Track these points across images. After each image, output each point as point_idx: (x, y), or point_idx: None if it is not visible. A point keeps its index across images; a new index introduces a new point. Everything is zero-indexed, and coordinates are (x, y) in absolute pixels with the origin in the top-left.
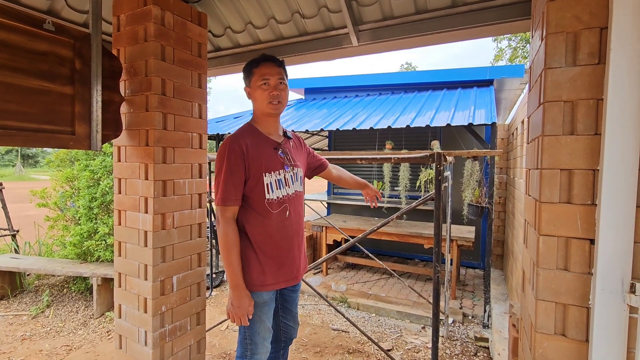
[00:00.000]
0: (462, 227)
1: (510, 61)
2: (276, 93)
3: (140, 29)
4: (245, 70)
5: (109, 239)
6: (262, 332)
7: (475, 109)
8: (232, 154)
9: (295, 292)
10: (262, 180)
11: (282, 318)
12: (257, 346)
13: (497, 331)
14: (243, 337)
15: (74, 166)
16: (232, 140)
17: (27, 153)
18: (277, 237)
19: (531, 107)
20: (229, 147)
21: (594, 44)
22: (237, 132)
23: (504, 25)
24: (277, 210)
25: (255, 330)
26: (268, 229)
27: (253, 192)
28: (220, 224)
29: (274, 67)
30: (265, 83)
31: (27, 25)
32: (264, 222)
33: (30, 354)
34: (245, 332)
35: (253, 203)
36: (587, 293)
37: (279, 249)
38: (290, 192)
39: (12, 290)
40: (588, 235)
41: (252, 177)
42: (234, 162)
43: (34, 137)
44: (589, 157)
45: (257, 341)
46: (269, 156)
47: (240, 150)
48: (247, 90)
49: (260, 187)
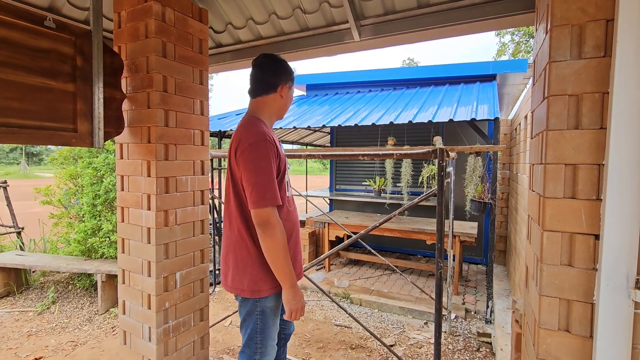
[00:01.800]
0: (464, 223)
1: (513, 56)
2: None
3: (141, 26)
4: (286, 69)
5: (112, 236)
6: (274, 334)
7: (478, 104)
8: (272, 150)
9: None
10: (284, 177)
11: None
12: (267, 348)
13: (500, 327)
14: (254, 342)
15: (77, 164)
16: (266, 134)
17: (32, 151)
18: (294, 234)
19: (535, 102)
20: (267, 142)
21: (599, 36)
22: (261, 127)
23: (507, 19)
24: (292, 207)
25: (269, 335)
26: (290, 226)
27: (280, 189)
28: (275, 226)
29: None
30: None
31: (28, 23)
32: (286, 220)
33: (37, 349)
34: (257, 337)
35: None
36: (591, 289)
37: (296, 244)
38: (291, 193)
39: (17, 287)
40: (593, 231)
41: (281, 174)
42: (273, 158)
43: (36, 134)
44: (594, 151)
45: (267, 344)
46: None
47: (274, 145)
48: (284, 87)
49: (284, 185)
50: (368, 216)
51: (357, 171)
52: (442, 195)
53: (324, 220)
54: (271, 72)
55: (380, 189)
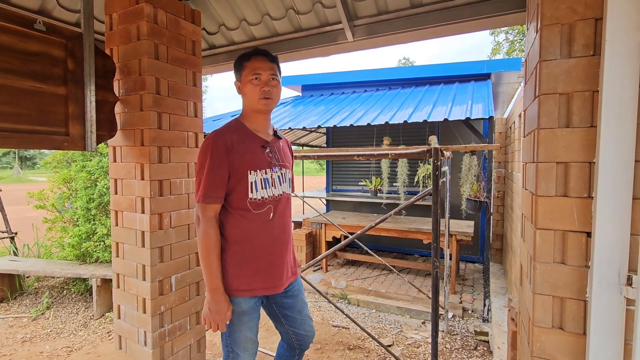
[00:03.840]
0: (461, 222)
1: (507, 55)
2: (267, 89)
3: (132, 28)
4: (236, 64)
5: (107, 240)
6: (243, 343)
7: (473, 103)
8: (216, 150)
9: (290, 298)
10: (246, 178)
11: (287, 326)
12: (239, 356)
13: (497, 325)
14: (225, 344)
15: (70, 167)
16: (216, 135)
17: (25, 155)
18: (256, 240)
19: (527, 100)
20: (212, 142)
21: (589, 35)
22: (223, 127)
23: (499, 18)
24: (259, 211)
25: (235, 340)
26: (247, 230)
27: (235, 190)
28: (200, 223)
29: (266, 62)
30: (257, 78)
31: (18, 26)
32: (243, 223)
33: (31, 356)
34: (226, 340)
35: (233, 202)
36: (584, 286)
37: (258, 252)
38: (277, 194)
39: (11, 293)
40: (584, 228)
41: (235, 174)
42: (217, 157)
43: (28, 138)
44: (585, 149)
45: (238, 351)
46: (255, 153)
47: (224, 145)
48: (238, 84)
49: (244, 186)
50: (365, 216)
51: (354, 171)
52: (438, 194)
53: (320, 221)
54: (234, 71)
55: (377, 189)
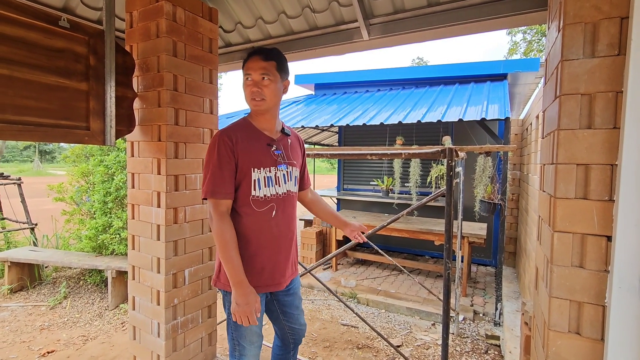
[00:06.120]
0: (473, 224)
1: (525, 55)
2: (255, 90)
3: (152, 25)
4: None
5: (123, 233)
6: (249, 336)
7: (489, 103)
8: (222, 146)
9: (290, 296)
10: (250, 175)
11: (284, 321)
12: (245, 349)
13: (509, 329)
14: (230, 337)
15: (89, 161)
16: (222, 132)
17: (45, 149)
18: (258, 238)
19: (547, 101)
20: (219, 140)
21: (614, 34)
22: (230, 125)
23: (519, 17)
24: (261, 209)
25: (242, 333)
26: (249, 228)
27: (240, 187)
28: (214, 219)
29: (258, 61)
30: (248, 79)
31: (44, 23)
32: (245, 220)
33: (49, 343)
34: (232, 334)
35: (237, 199)
36: (602, 291)
37: (260, 250)
38: (280, 192)
39: (31, 282)
40: (604, 232)
41: (239, 171)
42: (225, 154)
43: (51, 132)
44: (607, 151)
45: (244, 344)
46: (260, 151)
47: (230, 142)
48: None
49: (247, 183)
50: (376, 216)
51: (365, 171)
52: (451, 195)
53: None
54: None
55: (388, 189)
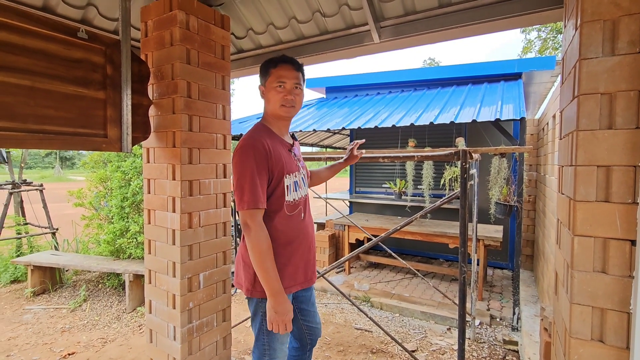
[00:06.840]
0: (489, 227)
1: (539, 53)
2: (291, 97)
3: (166, 34)
4: (263, 69)
5: (139, 237)
6: (282, 337)
7: (503, 103)
8: (258, 154)
9: (309, 291)
10: (283, 181)
11: (302, 320)
12: (276, 351)
13: (528, 334)
14: (261, 343)
15: (106, 167)
16: (255, 139)
17: (65, 155)
18: (295, 240)
19: (564, 101)
20: (253, 147)
21: (634, 31)
22: (255, 132)
23: (533, 16)
24: (293, 212)
25: (275, 337)
26: (284, 232)
27: (274, 194)
28: (251, 229)
29: (291, 70)
30: (281, 85)
31: (64, 35)
32: (280, 226)
33: (70, 345)
34: (264, 339)
35: (272, 205)
36: (627, 297)
37: (296, 251)
38: (303, 194)
39: (52, 285)
40: (628, 236)
41: (275, 179)
42: (261, 162)
43: (70, 140)
44: (629, 152)
45: (275, 347)
46: (287, 157)
47: (264, 150)
48: (262, 89)
49: (281, 189)
50: (388, 219)
51: (377, 173)
52: (465, 197)
53: (343, 223)
54: (260, 76)
55: (401, 192)
